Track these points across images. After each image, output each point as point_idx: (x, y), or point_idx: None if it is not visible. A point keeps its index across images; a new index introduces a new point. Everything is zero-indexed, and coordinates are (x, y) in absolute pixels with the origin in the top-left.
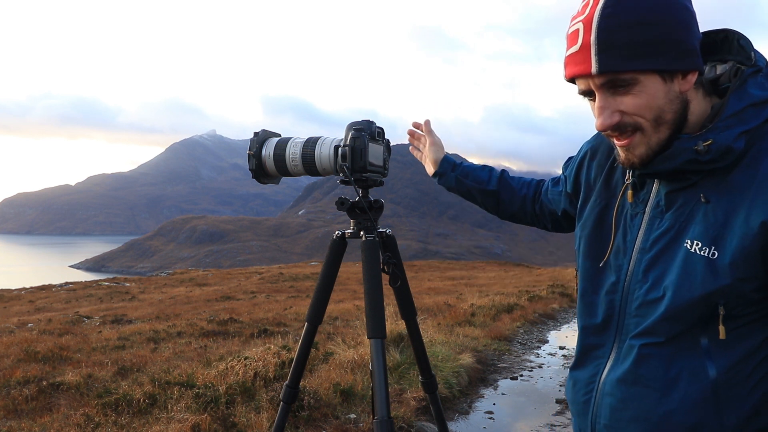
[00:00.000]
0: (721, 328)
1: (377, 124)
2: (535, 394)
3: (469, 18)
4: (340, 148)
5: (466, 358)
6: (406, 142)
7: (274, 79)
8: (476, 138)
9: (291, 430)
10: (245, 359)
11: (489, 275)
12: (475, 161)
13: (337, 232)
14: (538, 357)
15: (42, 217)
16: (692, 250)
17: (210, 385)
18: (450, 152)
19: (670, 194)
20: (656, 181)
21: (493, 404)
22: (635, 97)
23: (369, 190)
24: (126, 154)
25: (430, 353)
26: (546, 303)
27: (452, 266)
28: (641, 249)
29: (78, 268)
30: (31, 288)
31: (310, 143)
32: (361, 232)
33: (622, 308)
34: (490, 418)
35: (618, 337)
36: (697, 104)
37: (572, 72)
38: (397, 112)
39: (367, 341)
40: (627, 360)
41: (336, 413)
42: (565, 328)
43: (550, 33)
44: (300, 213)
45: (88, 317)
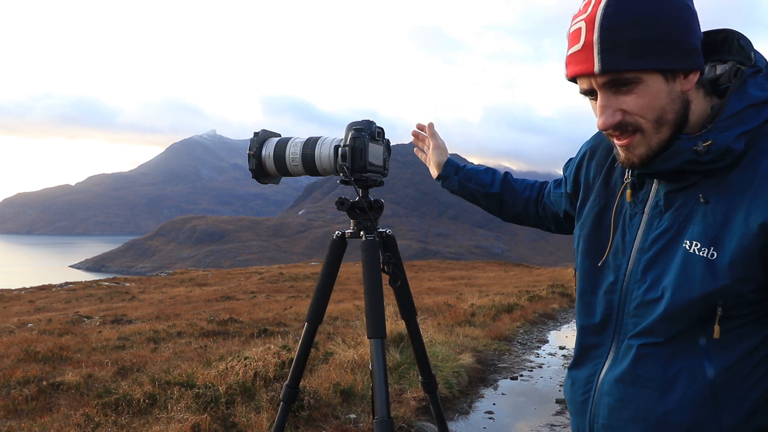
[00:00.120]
0: (716, 328)
1: (377, 124)
2: (535, 394)
3: (469, 18)
4: (340, 148)
5: (466, 358)
6: (406, 142)
7: (274, 79)
8: (476, 138)
9: (291, 430)
10: (245, 359)
11: (489, 275)
12: (475, 161)
13: (337, 232)
14: (538, 357)
15: (42, 217)
16: (691, 251)
17: (210, 385)
18: (450, 152)
19: (669, 194)
20: (655, 181)
21: (493, 404)
22: (637, 97)
23: (369, 190)
24: (126, 154)
25: (430, 353)
26: (546, 303)
27: (452, 266)
28: (640, 249)
29: (78, 268)
30: (31, 288)
31: (310, 143)
32: (361, 232)
33: (621, 308)
34: (490, 418)
35: (616, 336)
36: (698, 104)
37: (574, 71)
38: (397, 113)
39: (367, 341)
40: (625, 360)
41: (336, 413)
42: (565, 328)
43: (550, 33)
44: (300, 213)
45: (88, 317)
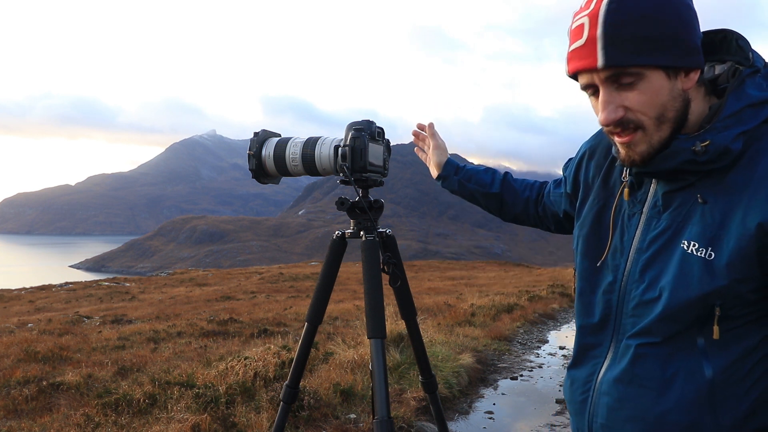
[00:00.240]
0: (714, 329)
1: (377, 124)
2: (535, 394)
3: (469, 18)
4: (340, 148)
5: (466, 358)
6: (406, 142)
7: (273, 79)
8: (476, 138)
9: (291, 430)
10: (245, 359)
11: (489, 275)
12: (475, 161)
13: (337, 232)
14: (538, 357)
15: (42, 217)
16: (689, 251)
17: (210, 385)
18: (450, 152)
19: (668, 194)
20: (654, 181)
21: (493, 404)
22: (640, 93)
23: (369, 190)
24: (126, 154)
25: (430, 353)
26: (546, 303)
27: (452, 266)
28: (638, 249)
29: (78, 268)
30: (31, 288)
31: (310, 143)
32: (361, 232)
33: (619, 308)
34: (490, 418)
35: (615, 336)
36: (698, 104)
37: (577, 66)
38: (397, 113)
39: (367, 341)
40: (624, 360)
41: (336, 413)
42: (565, 328)
43: (550, 33)
44: (300, 213)
45: (88, 317)
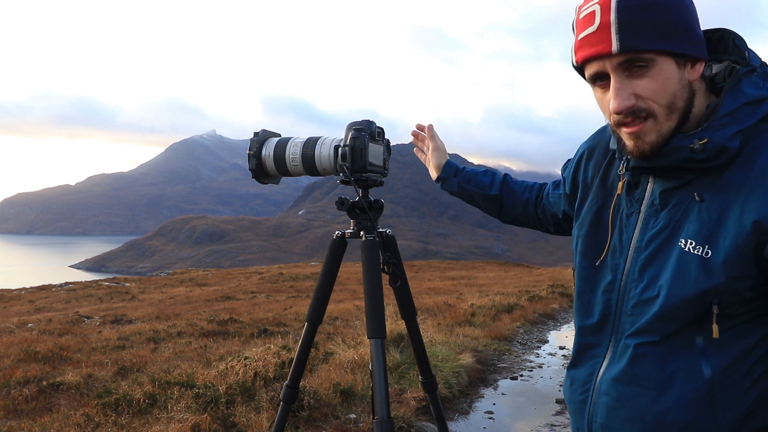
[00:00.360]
0: (714, 327)
1: (377, 124)
2: (535, 394)
3: (468, 18)
4: (340, 148)
5: (466, 358)
6: (406, 142)
7: (273, 79)
8: (476, 138)
9: (291, 430)
10: (245, 359)
11: (489, 275)
12: (475, 161)
13: (337, 232)
14: (538, 357)
15: (42, 217)
16: (686, 249)
17: (210, 385)
18: (450, 152)
19: (665, 193)
20: (651, 180)
21: (493, 404)
22: (651, 80)
23: (369, 190)
24: (126, 154)
25: (430, 353)
26: (546, 303)
27: (452, 266)
28: (637, 248)
29: (78, 268)
30: (31, 288)
31: (310, 143)
32: (361, 232)
33: (619, 307)
34: (490, 418)
35: (614, 336)
36: (700, 98)
37: (588, 53)
38: (397, 113)
39: (367, 341)
40: (623, 359)
41: (336, 413)
42: (565, 328)
43: (550, 33)
44: (300, 213)
45: (88, 317)
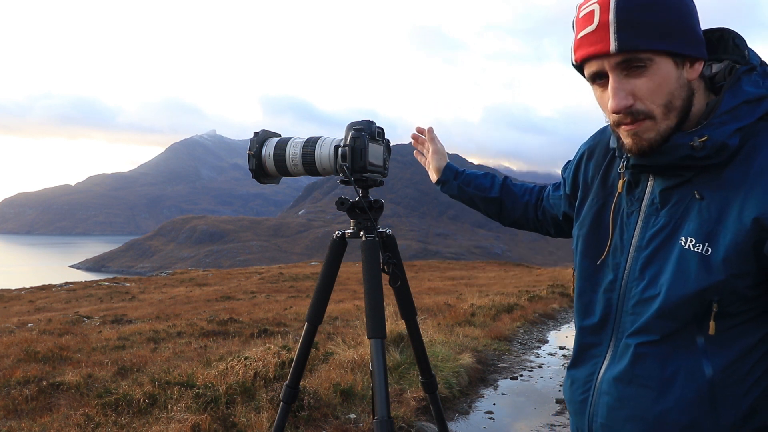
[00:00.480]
0: (711, 324)
1: (377, 124)
2: (535, 394)
3: (468, 18)
4: (340, 148)
5: (466, 358)
6: (406, 142)
7: (273, 79)
8: (476, 138)
9: (291, 430)
10: (245, 359)
11: (489, 275)
12: (475, 161)
13: (337, 232)
14: (538, 357)
15: (42, 217)
16: (686, 247)
17: (210, 385)
18: (450, 152)
19: (665, 192)
20: (651, 178)
21: (493, 404)
22: (648, 80)
23: (369, 190)
24: (126, 154)
25: (430, 353)
26: (546, 303)
27: (452, 266)
28: (638, 247)
29: (78, 268)
30: (31, 288)
31: (310, 143)
32: (361, 232)
33: (620, 306)
34: (490, 418)
35: (615, 335)
36: (699, 98)
37: (587, 52)
38: (397, 113)
39: (367, 341)
40: (623, 359)
41: (336, 413)
42: (565, 328)
43: (550, 33)
44: (300, 213)
45: (88, 317)
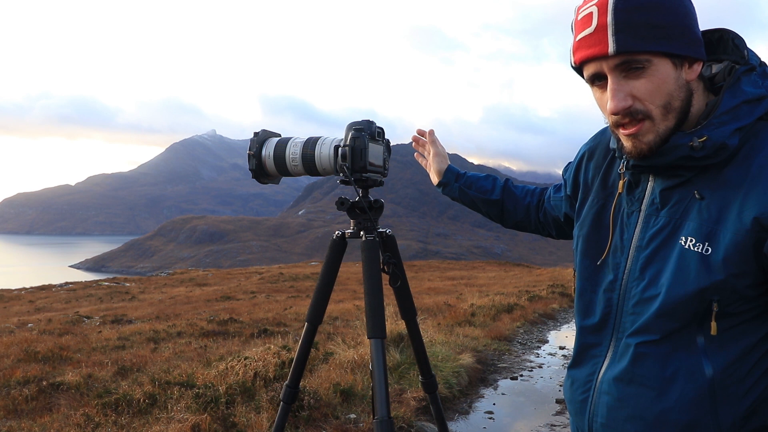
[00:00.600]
0: (712, 324)
1: (377, 124)
2: (535, 394)
3: (466, 18)
4: (340, 148)
5: (466, 358)
6: (405, 142)
7: (272, 79)
8: (475, 138)
9: (291, 430)
10: (245, 359)
11: (489, 275)
12: (475, 162)
13: (337, 232)
14: (538, 357)
15: (42, 217)
16: (686, 247)
17: (210, 385)
18: (449, 152)
19: (665, 192)
20: (651, 178)
21: (493, 404)
22: (647, 81)
23: (369, 190)
24: (125, 154)
25: (430, 353)
26: (546, 303)
27: (452, 266)
28: (638, 247)
29: (78, 268)
30: (31, 288)
31: (310, 143)
32: (361, 232)
33: (620, 306)
34: (490, 418)
35: (615, 335)
36: (698, 98)
37: (585, 54)
38: (396, 113)
39: (367, 341)
40: (624, 359)
41: (336, 413)
42: (565, 328)
43: (548, 33)
44: (300, 213)
45: (88, 317)
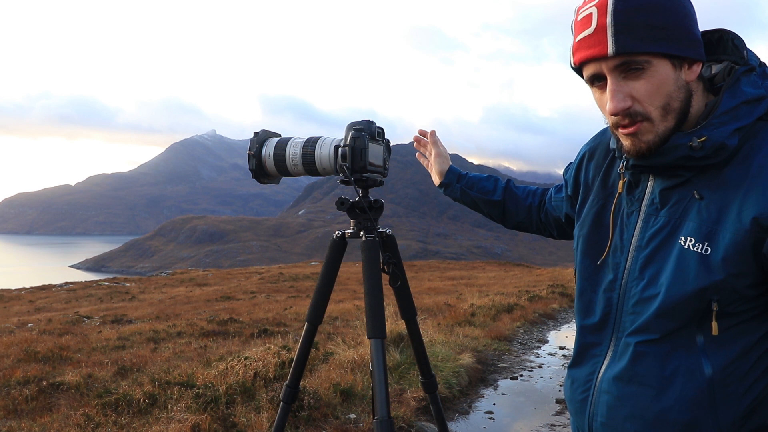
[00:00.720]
0: (713, 325)
1: (377, 124)
2: (535, 394)
3: (466, 18)
4: (340, 148)
5: (466, 358)
6: (406, 142)
7: (272, 79)
8: (475, 138)
9: (291, 430)
10: (245, 359)
11: (489, 275)
12: (475, 162)
13: (337, 232)
14: (538, 357)
15: (42, 217)
16: (686, 247)
17: (210, 385)
18: (449, 152)
19: (665, 192)
20: (651, 178)
21: (493, 404)
22: (646, 82)
23: (369, 190)
24: (125, 154)
25: (430, 353)
26: (546, 303)
27: (452, 266)
28: (637, 247)
29: (78, 268)
30: (31, 288)
31: (310, 143)
32: (361, 232)
33: (620, 306)
34: (490, 418)
35: (615, 335)
36: (698, 99)
37: (585, 55)
38: (396, 113)
39: (367, 341)
40: (623, 358)
41: (336, 413)
42: (565, 328)
43: (548, 33)
44: (300, 213)
45: (88, 317)
